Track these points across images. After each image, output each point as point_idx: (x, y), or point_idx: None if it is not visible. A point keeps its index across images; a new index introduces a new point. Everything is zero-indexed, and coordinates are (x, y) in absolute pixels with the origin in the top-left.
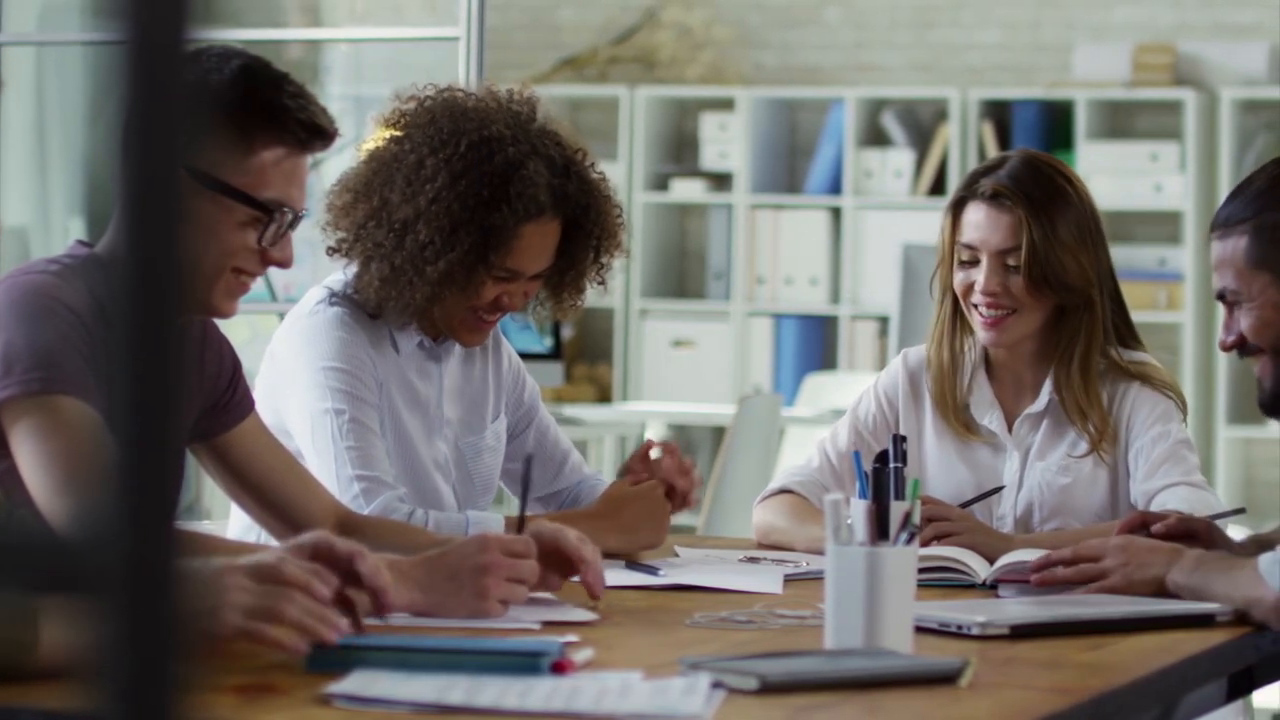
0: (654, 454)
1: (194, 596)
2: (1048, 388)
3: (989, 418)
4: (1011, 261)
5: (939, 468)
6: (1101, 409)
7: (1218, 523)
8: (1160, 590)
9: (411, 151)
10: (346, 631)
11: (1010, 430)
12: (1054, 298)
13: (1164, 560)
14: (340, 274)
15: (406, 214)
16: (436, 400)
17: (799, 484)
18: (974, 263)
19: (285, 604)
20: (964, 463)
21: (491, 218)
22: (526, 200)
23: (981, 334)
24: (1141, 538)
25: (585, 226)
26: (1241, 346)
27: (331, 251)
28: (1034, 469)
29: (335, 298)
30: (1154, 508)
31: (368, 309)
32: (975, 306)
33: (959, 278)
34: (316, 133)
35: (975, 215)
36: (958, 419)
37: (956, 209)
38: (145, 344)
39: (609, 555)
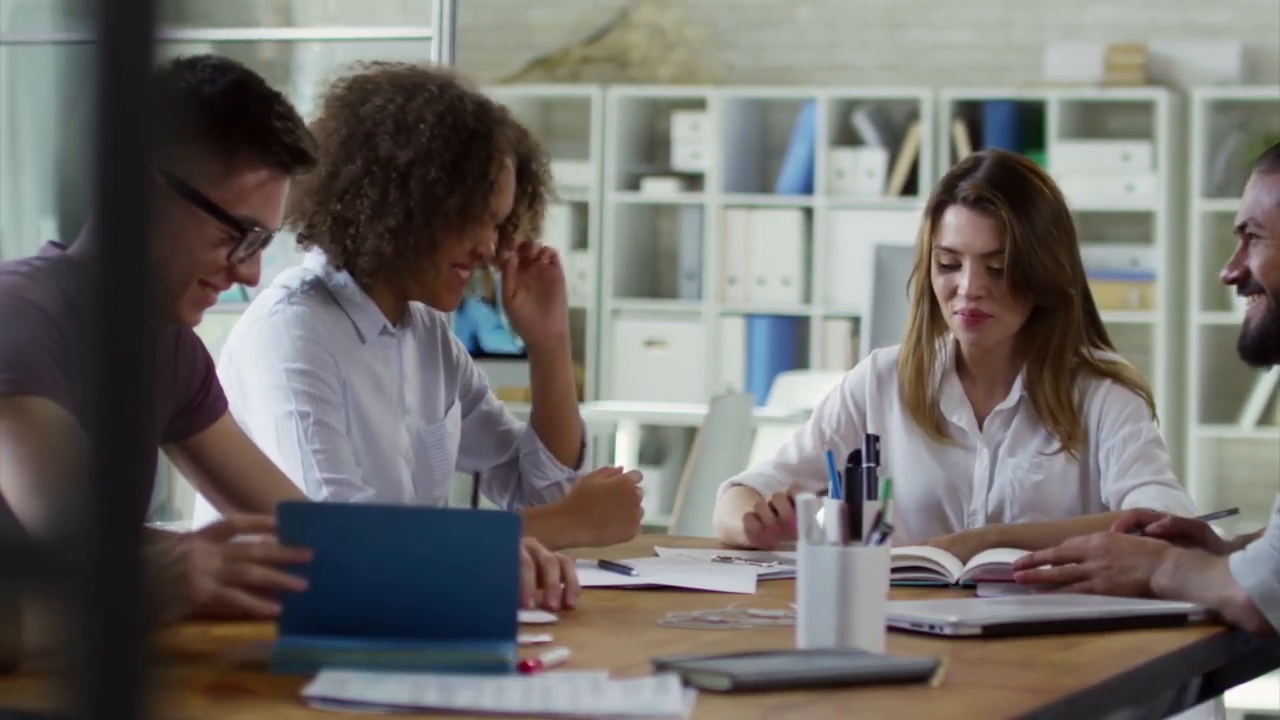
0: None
1: (162, 567)
2: (1019, 384)
3: (958, 415)
4: (994, 264)
5: (907, 467)
6: (1072, 408)
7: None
8: (1143, 592)
9: (389, 103)
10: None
11: (981, 428)
12: (1034, 298)
13: (1147, 563)
14: (300, 269)
15: (408, 157)
16: (399, 387)
17: (750, 477)
18: (955, 266)
19: (249, 567)
20: (934, 461)
21: (479, 152)
22: (501, 133)
23: (963, 336)
24: (1126, 536)
25: (530, 169)
26: (1243, 283)
27: (304, 238)
28: (1005, 465)
29: (294, 295)
30: (1125, 506)
31: (361, 278)
32: (956, 309)
33: (940, 281)
34: (299, 157)
35: (956, 219)
36: (929, 419)
37: (936, 213)
38: (115, 345)
39: (581, 548)
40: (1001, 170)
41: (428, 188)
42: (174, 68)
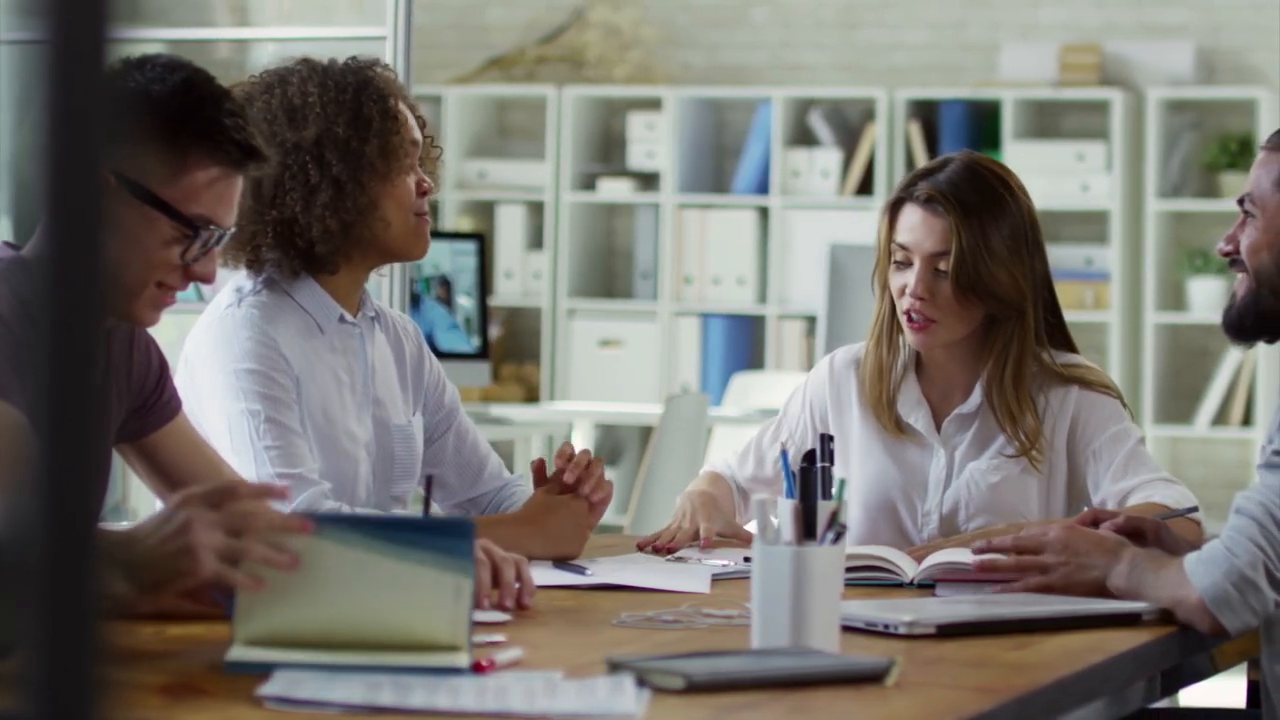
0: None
1: (163, 536)
2: (980, 389)
3: (915, 416)
4: (941, 267)
5: (866, 467)
6: (1034, 414)
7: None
8: (1099, 591)
9: (269, 101)
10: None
11: (938, 429)
12: (982, 307)
13: (1104, 562)
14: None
15: (313, 133)
16: (365, 377)
17: (721, 466)
18: (907, 264)
19: (251, 544)
20: (890, 460)
21: (370, 96)
22: (380, 77)
23: (908, 336)
24: (1085, 530)
25: (416, 114)
26: (1234, 259)
27: (254, 263)
28: (964, 468)
29: (245, 297)
30: (1132, 503)
31: (325, 269)
32: (904, 309)
33: (894, 279)
34: (251, 154)
35: (910, 218)
36: (889, 415)
37: (894, 209)
38: (67, 346)
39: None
40: (966, 174)
41: (343, 148)
42: (123, 67)
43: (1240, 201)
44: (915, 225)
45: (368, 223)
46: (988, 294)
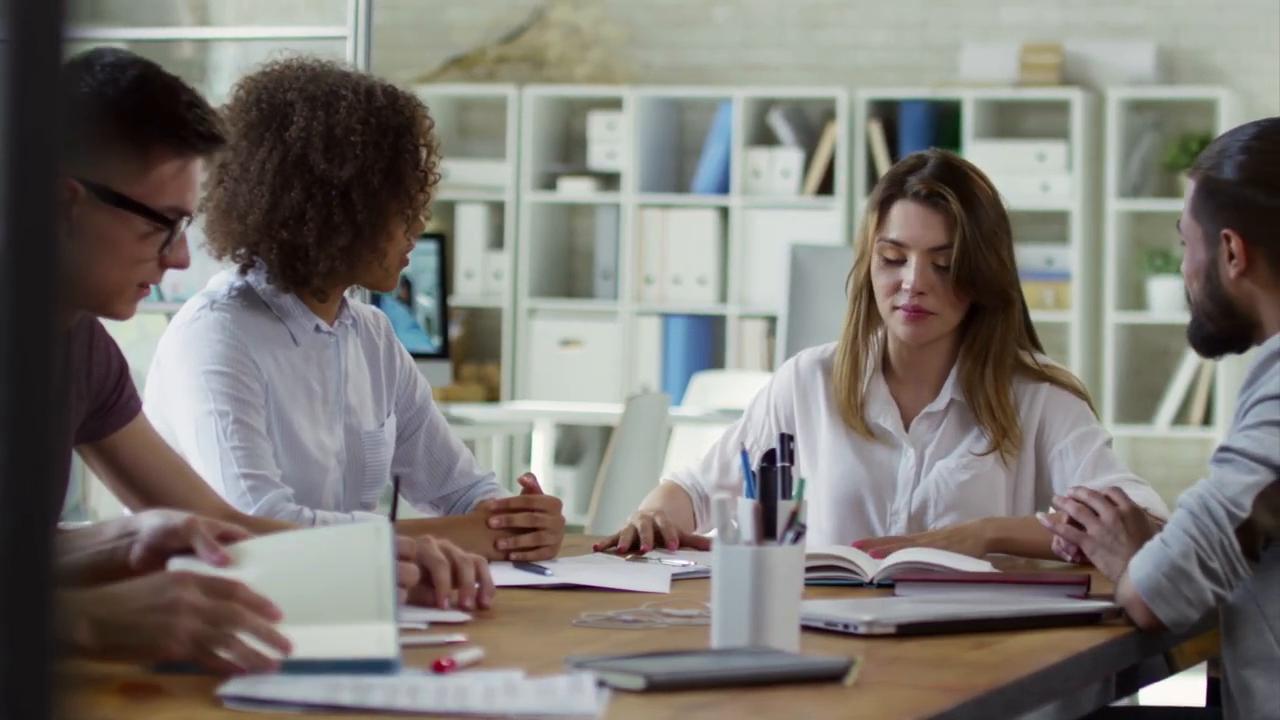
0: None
1: (148, 606)
2: (950, 387)
3: (884, 417)
4: (939, 260)
5: (834, 467)
6: (1010, 409)
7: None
8: (1108, 573)
9: (312, 120)
10: (290, 653)
11: (907, 429)
12: (975, 297)
13: (1122, 562)
14: (228, 274)
15: (347, 174)
16: (338, 386)
17: (681, 476)
18: (899, 261)
19: (237, 631)
20: (859, 460)
21: (408, 146)
22: (419, 119)
23: (901, 331)
24: (1143, 523)
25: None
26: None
27: (247, 265)
28: (933, 467)
29: (217, 302)
30: None
31: (317, 295)
32: (898, 304)
33: (882, 277)
34: (213, 140)
35: (905, 213)
36: (859, 417)
37: (882, 207)
38: (24, 348)
39: (491, 559)
40: (948, 168)
41: (371, 198)
42: (72, 71)
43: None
44: (912, 220)
45: (370, 267)
46: (984, 282)
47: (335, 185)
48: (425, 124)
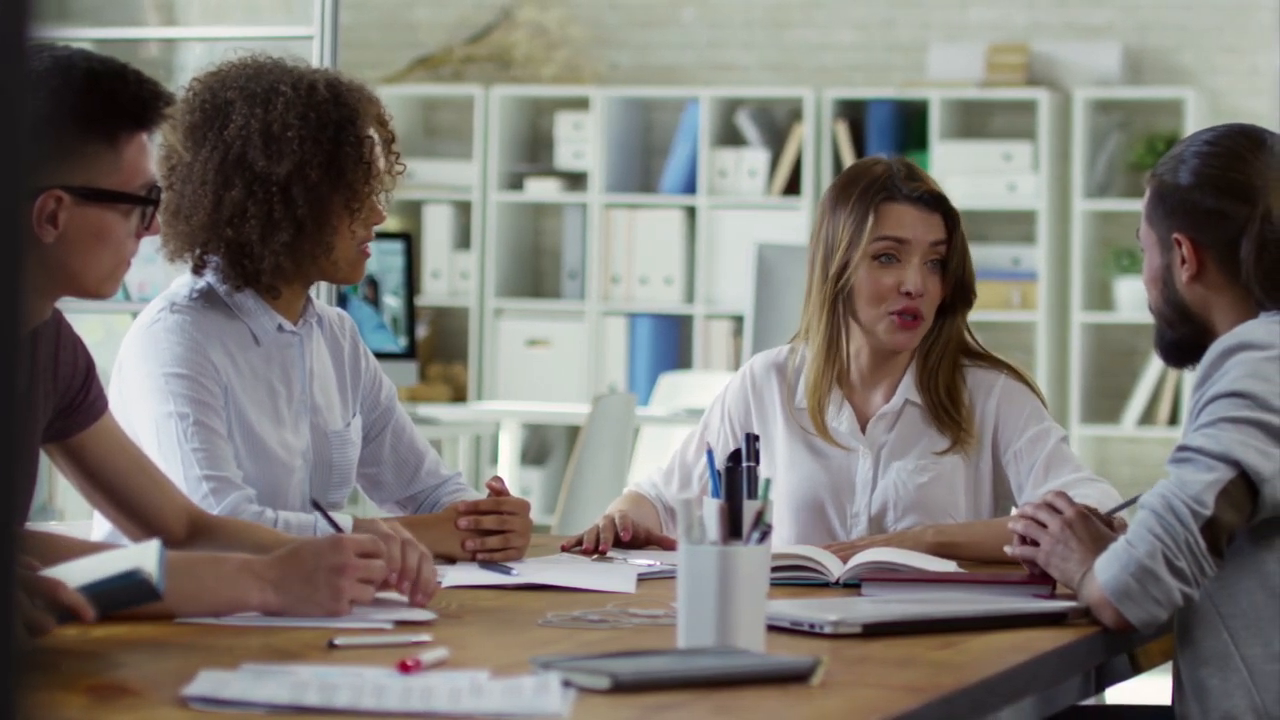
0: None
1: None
2: (905, 387)
3: (839, 420)
4: (934, 257)
5: (792, 472)
6: (965, 407)
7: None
8: (1067, 582)
9: (250, 119)
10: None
11: (864, 431)
12: (957, 296)
13: (1077, 567)
14: (186, 277)
15: (285, 169)
16: (303, 385)
17: (645, 485)
18: (895, 262)
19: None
20: (817, 464)
21: (349, 139)
22: (364, 111)
23: (894, 336)
24: (1092, 523)
25: (386, 128)
26: None
27: (200, 266)
28: (890, 468)
29: (176, 305)
30: None
31: (268, 292)
32: (893, 310)
33: (872, 279)
34: (169, 104)
35: (905, 213)
36: (821, 424)
37: (875, 209)
38: None
39: (456, 560)
40: (921, 171)
41: (311, 193)
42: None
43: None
44: (914, 219)
45: (318, 262)
46: (969, 282)
47: (274, 181)
48: (371, 115)
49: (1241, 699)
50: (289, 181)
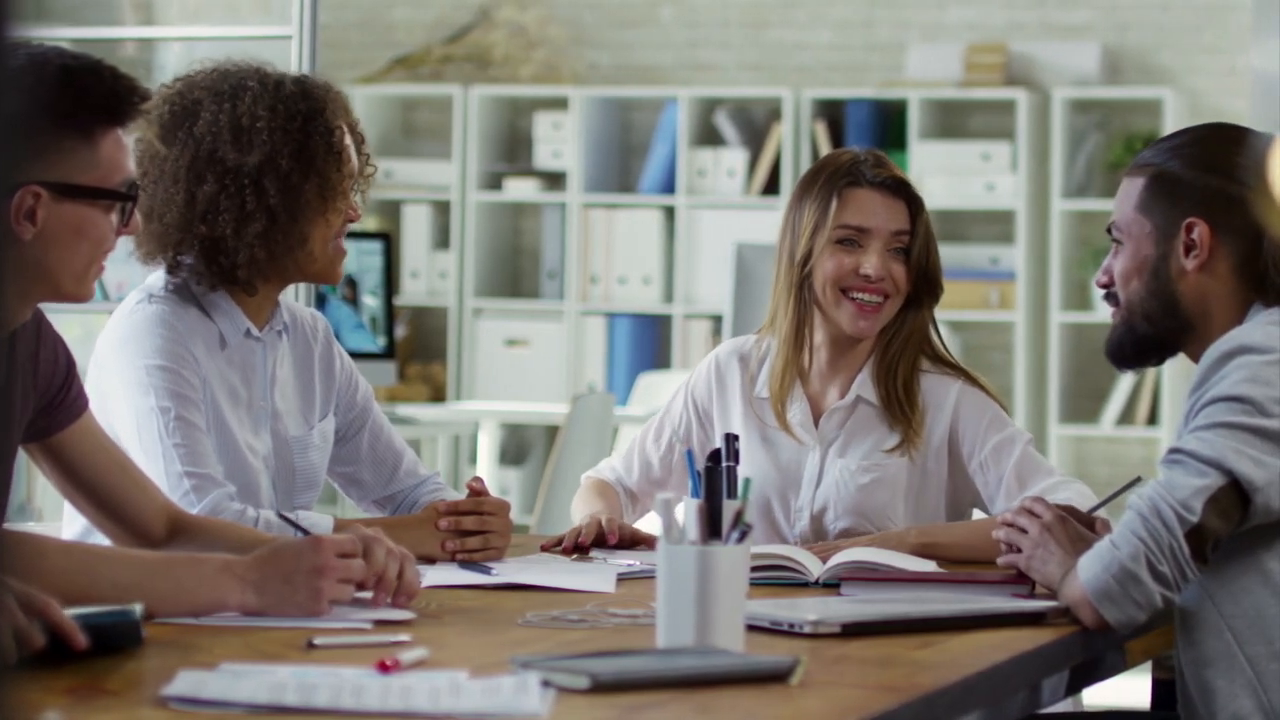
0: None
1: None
2: (860, 384)
3: (793, 412)
4: (897, 245)
5: (744, 462)
6: (920, 407)
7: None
8: (1048, 585)
9: (218, 114)
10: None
11: (816, 425)
12: (922, 287)
13: (1058, 569)
14: (162, 271)
15: (255, 160)
16: (264, 391)
17: (604, 470)
18: (855, 248)
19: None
20: (767, 456)
21: (319, 129)
22: (332, 102)
23: (854, 323)
24: (1072, 524)
25: (356, 131)
26: (1109, 288)
27: (174, 267)
28: (834, 465)
29: (155, 296)
30: None
31: (244, 289)
32: (850, 294)
33: (833, 263)
34: (145, 99)
35: (867, 199)
36: (783, 415)
37: (837, 195)
38: None
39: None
40: (888, 161)
41: (283, 182)
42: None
43: (1109, 230)
44: (876, 205)
45: (294, 255)
46: (934, 272)
47: (246, 173)
48: (339, 108)
49: (1248, 699)
50: (260, 172)
